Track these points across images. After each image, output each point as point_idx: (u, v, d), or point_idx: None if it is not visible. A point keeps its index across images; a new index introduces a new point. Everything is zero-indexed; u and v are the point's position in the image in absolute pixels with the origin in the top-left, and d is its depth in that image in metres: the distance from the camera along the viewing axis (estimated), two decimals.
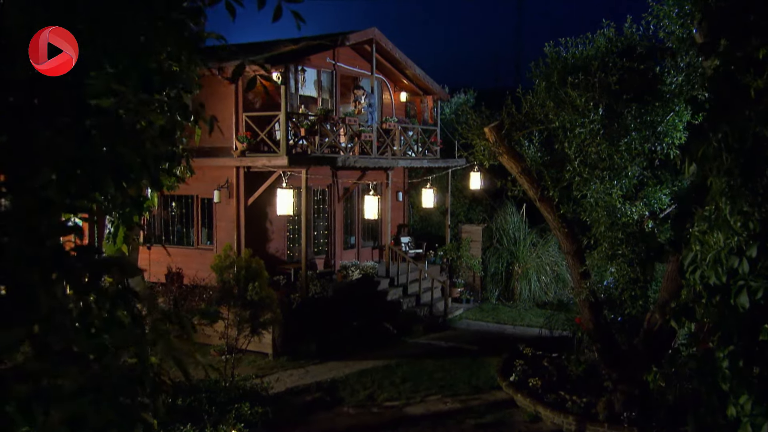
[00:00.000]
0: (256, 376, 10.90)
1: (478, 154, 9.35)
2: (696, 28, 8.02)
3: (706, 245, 3.51)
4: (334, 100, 15.80)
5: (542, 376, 10.51)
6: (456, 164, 17.88)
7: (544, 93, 8.75)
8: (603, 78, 8.38)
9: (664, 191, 9.40)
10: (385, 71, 17.31)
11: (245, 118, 13.33)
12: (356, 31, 15.27)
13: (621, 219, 8.35)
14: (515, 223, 18.04)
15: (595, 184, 8.34)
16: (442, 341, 13.82)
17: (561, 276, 17.27)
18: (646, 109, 8.72)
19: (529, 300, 17.15)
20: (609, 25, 9.17)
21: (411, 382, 11.08)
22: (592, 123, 8.23)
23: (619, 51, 9.00)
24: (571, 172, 8.53)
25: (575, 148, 8.42)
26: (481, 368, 11.83)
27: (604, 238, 8.32)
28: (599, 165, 8.41)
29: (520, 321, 15.61)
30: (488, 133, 8.99)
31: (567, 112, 8.36)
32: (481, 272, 17.65)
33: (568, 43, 9.37)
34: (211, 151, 13.39)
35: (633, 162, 8.38)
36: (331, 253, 16.12)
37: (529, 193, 9.34)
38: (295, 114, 13.52)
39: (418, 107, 19.03)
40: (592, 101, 8.20)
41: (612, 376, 9.50)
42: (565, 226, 9.20)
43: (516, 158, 9.10)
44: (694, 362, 3.42)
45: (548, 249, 17.48)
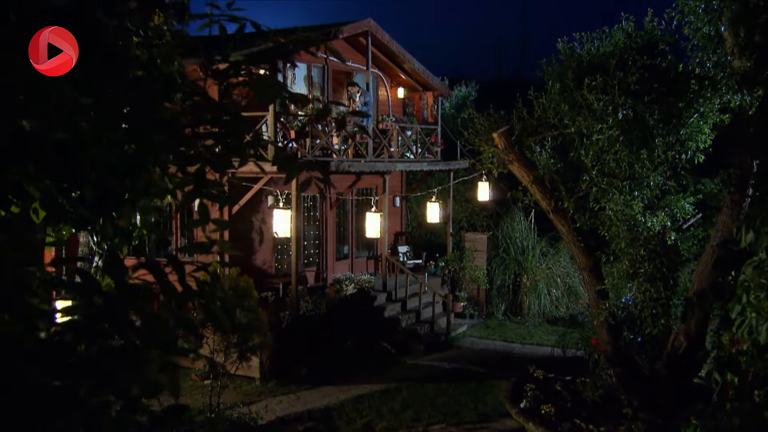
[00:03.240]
0: (242, 404, 10.82)
1: (486, 161, 9.31)
2: (725, 26, 8.05)
3: (762, 312, 3.50)
4: (326, 97, 15.75)
5: (555, 402, 10.46)
6: (458, 166, 17.86)
7: (558, 95, 8.72)
8: (622, 78, 8.37)
9: (688, 199, 9.41)
10: (381, 65, 17.28)
11: None
12: (350, 22, 15.24)
13: (643, 233, 8.33)
14: (523, 231, 18.03)
15: (614, 195, 8.32)
16: (444, 362, 13.78)
17: (573, 289, 17.28)
18: (669, 110, 8.72)
19: (539, 315, 17.15)
20: (628, 19, 9.17)
21: (412, 409, 11.03)
22: (611, 129, 8.21)
23: (639, 47, 8.99)
24: (587, 182, 8.52)
25: (592, 155, 8.41)
26: (488, 393, 11.79)
27: (624, 255, 8.30)
28: (618, 174, 8.40)
29: (529, 339, 15.59)
30: (497, 139, 8.96)
31: (583, 116, 8.33)
32: (486, 285, 17.62)
33: (582, 39, 9.36)
34: None
35: (656, 171, 8.36)
36: (323, 265, 16.05)
37: (542, 204, 9.30)
38: (284, 114, 13.45)
39: (416, 104, 18.99)
40: (610, 105, 8.18)
41: (632, 402, 9.47)
42: (580, 240, 9.18)
43: (527, 166, 9.07)
44: (738, 418, 3.39)
45: (559, 259, 17.49)
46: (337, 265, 16.51)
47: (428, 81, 18.04)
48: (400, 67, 17.56)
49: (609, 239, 8.58)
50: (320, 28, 15.07)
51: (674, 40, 9.03)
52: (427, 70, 17.83)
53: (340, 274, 16.04)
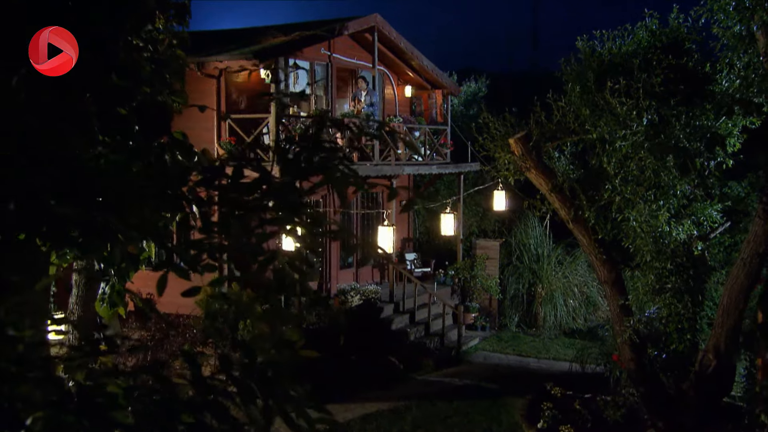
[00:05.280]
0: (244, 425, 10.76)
1: (502, 168, 9.27)
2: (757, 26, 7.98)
3: None
4: (330, 96, 15.71)
5: (575, 422, 10.42)
6: (468, 168, 17.80)
7: (579, 99, 8.68)
8: (646, 80, 8.31)
9: (715, 207, 9.32)
10: (387, 62, 17.23)
11: (229, 121, 13.23)
12: (356, 17, 15.20)
13: (669, 245, 8.27)
14: (537, 238, 17.95)
15: (639, 205, 8.26)
16: (456, 378, 13.73)
17: (591, 299, 17.20)
18: (695, 113, 8.66)
19: (555, 327, 17.06)
20: (652, 16, 9.11)
21: (422, 429, 10.98)
22: (635, 134, 8.16)
23: (664, 46, 8.94)
24: (610, 191, 8.47)
25: (615, 163, 8.36)
26: (503, 412, 11.73)
27: (650, 269, 8.25)
28: (643, 183, 8.34)
29: (545, 353, 15.52)
30: (514, 146, 8.92)
31: (606, 121, 8.28)
32: (498, 295, 17.55)
33: (603, 37, 9.31)
34: None
35: (682, 180, 8.31)
36: (327, 275, 16.01)
37: (561, 213, 9.26)
38: (287, 116, 13.42)
39: (425, 103, 18.94)
40: (635, 109, 8.13)
41: (657, 424, 9.43)
42: (602, 251, 9.13)
43: (546, 174, 9.02)
44: None
45: (576, 267, 17.40)
46: (341, 274, 16.46)
47: (437, 79, 17.98)
48: (408, 65, 17.51)
49: (633, 252, 8.52)
50: (324, 24, 15.03)
51: (701, 39, 8.97)
52: (436, 68, 17.77)
53: (344, 284, 15.99)
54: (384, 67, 17.22)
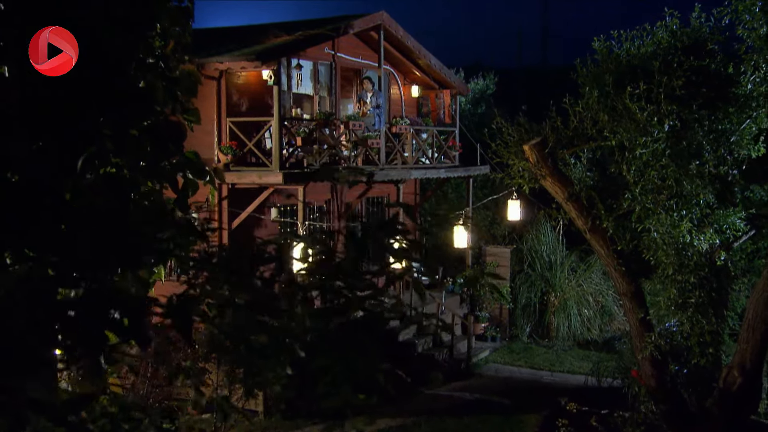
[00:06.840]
0: None
1: (516, 176, 9.22)
2: None
3: None
4: (334, 97, 15.68)
5: None
6: (478, 172, 17.76)
7: (596, 104, 8.62)
8: (667, 83, 8.25)
9: (738, 214, 9.25)
10: (393, 61, 17.21)
11: (229, 124, 13.18)
12: (361, 15, 15.17)
13: (693, 258, 8.21)
14: (550, 244, 17.90)
15: (660, 215, 8.20)
16: (466, 392, 13.68)
17: (607, 309, 17.14)
18: (717, 116, 8.61)
19: (569, 338, 17.00)
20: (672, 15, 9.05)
21: None
22: (656, 141, 8.10)
23: (685, 47, 8.88)
24: (629, 200, 8.40)
25: (635, 171, 8.30)
26: (516, 428, 11.69)
27: (672, 282, 8.19)
28: (664, 191, 8.28)
29: (558, 365, 15.47)
30: (528, 152, 8.85)
31: (625, 127, 8.22)
32: (509, 304, 17.50)
33: (621, 37, 9.25)
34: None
35: (706, 189, 8.25)
36: None
37: (577, 222, 9.20)
38: (289, 119, 13.39)
39: (432, 103, 18.89)
40: (656, 115, 8.07)
41: None
42: (621, 263, 9.06)
43: (562, 182, 8.96)
44: None
45: (591, 275, 17.35)
46: None
47: (445, 78, 17.95)
48: (415, 64, 17.48)
49: (654, 264, 8.46)
50: (328, 21, 15.00)
51: (724, 39, 8.91)
52: (444, 67, 17.74)
53: None
54: (390, 66, 17.19)
